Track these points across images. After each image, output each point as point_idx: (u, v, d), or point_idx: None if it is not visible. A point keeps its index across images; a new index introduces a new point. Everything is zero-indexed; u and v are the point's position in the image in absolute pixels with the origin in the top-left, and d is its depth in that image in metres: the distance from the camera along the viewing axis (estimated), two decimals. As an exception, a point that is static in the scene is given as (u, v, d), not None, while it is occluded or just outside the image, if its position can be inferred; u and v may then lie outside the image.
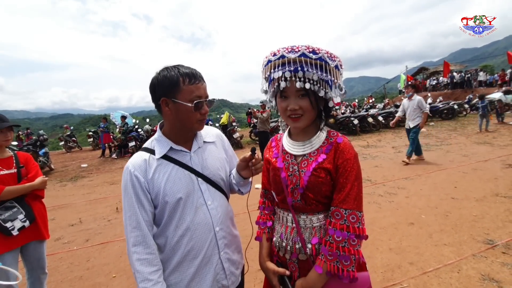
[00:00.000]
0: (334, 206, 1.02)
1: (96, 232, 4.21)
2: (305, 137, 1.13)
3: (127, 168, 1.09)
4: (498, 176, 4.99)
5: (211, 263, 1.15)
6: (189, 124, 1.11)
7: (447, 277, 2.43)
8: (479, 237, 3.02)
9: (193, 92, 1.06)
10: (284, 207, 1.16)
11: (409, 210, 3.94)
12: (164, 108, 1.08)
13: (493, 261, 2.58)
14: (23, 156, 2.30)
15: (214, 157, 1.24)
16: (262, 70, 1.10)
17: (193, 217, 1.11)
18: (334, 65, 1.01)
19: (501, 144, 7.60)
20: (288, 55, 0.99)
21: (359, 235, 0.97)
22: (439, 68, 26.74)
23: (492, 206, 3.78)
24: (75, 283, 2.89)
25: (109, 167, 10.06)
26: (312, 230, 1.07)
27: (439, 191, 4.54)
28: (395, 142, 9.68)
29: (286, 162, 1.14)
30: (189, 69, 1.08)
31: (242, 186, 1.28)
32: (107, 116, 13.98)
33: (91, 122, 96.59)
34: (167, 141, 1.14)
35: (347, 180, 1.01)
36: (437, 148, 8.01)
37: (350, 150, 1.05)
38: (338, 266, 0.96)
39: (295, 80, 0.98)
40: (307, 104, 1.02)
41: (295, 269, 1.11)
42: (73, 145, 15.02)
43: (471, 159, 6.38)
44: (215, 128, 1.37)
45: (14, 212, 2.00)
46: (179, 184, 1.09)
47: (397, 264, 2.70)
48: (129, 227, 1.05)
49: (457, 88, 21.89)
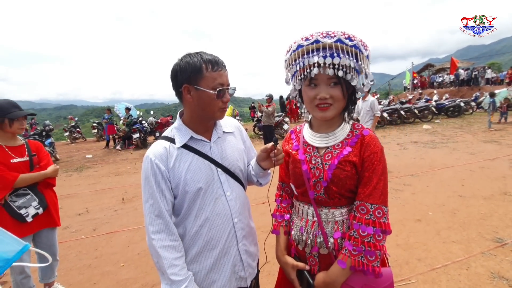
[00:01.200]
0: (360, 200, 1.00)
1: (103, 222, 4.24)
2: (328, 128, 1.10)
3: (147, 157, 1.07)
4: (506, 174, 4.95)
5: (229, 254, 1.15)
6: (211, 112, 1.09)
7: (456, 274, 2.42)
8: (488, 235, 3.01)
9: (215, 79, 1.04)
10: (304, 200, 1.15)
11: (416, 206, 3.93)
12: (186, 95, 1.06)
13: (503, 259, 2.57)
14: (34, 144, 2.30)
15: (233, 147, 1.23)
16: (288, 56, 1.05)
17: (213, 207, 1.10)
18: (366, 54, 0.99)
19: (509, 142, 7.53)
20: (323, 40, 0.95)
21: (384, 230, 0.96)
22: (445, 65, 26.39)
23: (501, 204, 3.76)
24: (84, 271, 2.93)
25: (113, 158, 10.11)
26: (334, 224, 1.06)
27: (446, 189, 4.51)
28: (400, 139, 9.62)
29: (308, 154, 1.12)
30: (212, 56, 1.06)
31: (262, 177, 1.27)
32: (111, 107, 13.99)
33: (95, 113, 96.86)
34: (187, 130, 1.12)
35: (373, 174, 0.99)
36: (443, 145, 7.95)
37: (376, 143, 1.03)
38: (362, 261, 0.95)
39: (329, 66, 0.94)
40: (339, 93, 0.99)
41: (314, 263, 1.10)
42: (77, 136, 15.09)
43: (478, 157, 6.33)
44: (233, 119, 1.36)
45: (28, 199, 2.02)
46: (199, 174, 1.08)
47: (405, 260, 2.69)
48: (152, 215, 1.04)
49: (464, 85, 21.63)
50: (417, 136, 9.93)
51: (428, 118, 13.85)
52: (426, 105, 14.16)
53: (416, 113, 13.61)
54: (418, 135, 10.15)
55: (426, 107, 13.99)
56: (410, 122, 13.60)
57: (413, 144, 8.44)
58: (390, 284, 1.01)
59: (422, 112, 13.90)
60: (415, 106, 13.90)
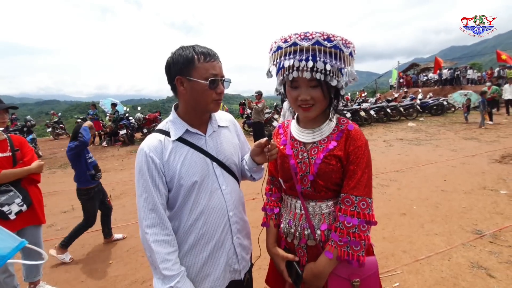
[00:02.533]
0: (345, 193, 1.03)
1: (90, 219, 4.15)
2: (314, 124, 1.13)
3: (142, 150, 1.06)
4: (485, 170, 5.17)
5: (224, 247, 1.15)
6: (204, 103, 1.08)
7: (438, 265, 2.53)
8: (468, 228, 3.15)
9: (208, 70, 1.04)
10: (292, 194, 1.17)
11: (401, 201, 4.05)
12: (179, 87, 1.06)
13: (481, 250, 2.70)
14: (17, 139, 2.23)
15: (228, 142, 1.23)
16: (270, 55, 1.07)
17: (208, 201, 1.11)
18: (348, 52, 0.99)
19: (488, 140, 7.85)
20: (300, 43, 0.95)
21: (369, 221, 0.99)
22: (430, 65, 27.08)
23: (480, 198, 3.93)
24: (71, 269, 2.87)
25: (99, 155, 9.87)
26: (321, 217, 1.09)
27: (430, 184, 4.67)
28: (386, 136, 9.86)
29: (295, 149, 1.14)
30: (205, 48, 1.06)
31: (255, 172, 1.28)
32: (96, 103, 13.63)
33: (79, 109, 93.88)
34: (182, 123, 1.12)
35: (358, 167, 1.02)
36: (427, 142, 8.20)
37: (361, 137, 1.06)
38: (348, 251, 0.98)
39: (307, 70, 0.95)
40: (319, 95, 1.01)
41: (303, 254, 1.13)
42: (61, 132, 14.61)
43: (459, 153, 6.58)
44: (228, 113, 1.35)
45: (11, 196, 1.96)
46: (194, 168, 1.08)
47: (391, 252, 2.79)
48: (146, 209, 1.03)
49: (447, 85, 22.29)
50: (402, 133, 10.20)
51: (413, 116, 14.23)
52: (411, 103, 14.54)
53: (402, 111, 13.96)
54: (403, 132, 10.42)
55: (411, 105, 14.37)
56: (396, 119, 13.94)
57: (398, 141, 8.67)
58: (375, 272, 1.05)
59: (407, 110, 14.27)
60: (400, 104, 14.26)
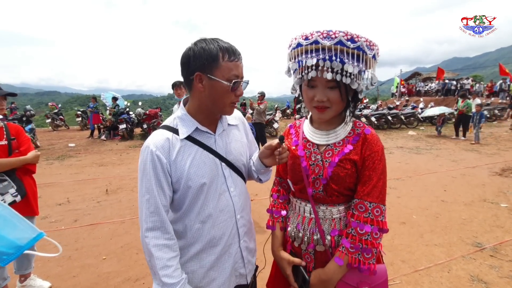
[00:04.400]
0: (359, 199, 0.99)
1: (85, 213, 4.09)
2: (329, 126, 1.09)
3: (147, 147, 0.98)
4: (485, 182, 5.15)
5: (231, 251, 1.10)
6: (222, 105, 1.02)
7: (438, 276, 2.49)
8: (468, 240, 3.11)
9: (231, 70, 0.97)
10: (301, 197, 1.13)
11: (400, 210, 4.01)
12: (197, 84, 0.98)
13: (482, 263, 2.66)
14: (14, 128, 2.17)
15: (237, 141, 1.17)
16: (288, 52, 1.03)
17: (216, 203, 1.05)
18: (372, 55, 0.94)
19: (488, 152, 7.83)
20: (322, 42, 0.91)
21: (382, 229, 0.96)
22: (432, 74, 27.22)
23: (480, 210, 3.90)
24: (63, 263, 2.81)
25: (98, 148, 9.80)
26: (331, 222, 1.05)
27: (429, 193, 4.64)
28: (386, 143, 9.83)
29: (308, 150, 1.10)
30: (229, 44, 0.99)
31: (262, 174, 1.22)
32: (97, 96, 13.56)
33: (79, 101, 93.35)
34: (192, 120, 1.05)
35: (374, 173, 0.98)
36: (427, 152, 8.18)
37: (378, 143, 1.02)
38: (359, 258, 0.94)
39: (327, 70, 0.91)
40: (337, 97, 0.97)
41: (310, 260, 1.09)
42: (60, 123, 14.52)
43: (460, 164, 6.56)
44: (237, 110, 1.28)
45: (5, 185, 1.90)
46: (203, 169, 1.02)
47: (390, 261, 2.74)
48: (147, 211, 0.97)
49: (449, 95, 22.35)
50: (402, 141, 10.18)
51: (414, 125, 14.23)
52: (413, 111, 14.54)
53: (403, 119, 13.95)
54: (404, 140, 10.40)
55: (412, 114, 14.36)
56: (396, 127, 13.92)
57: (399, 149, 8.64)
58: (384, 281, 1.01)
59: (408, 118, 14.26)
60: (402, 112, 14.25)
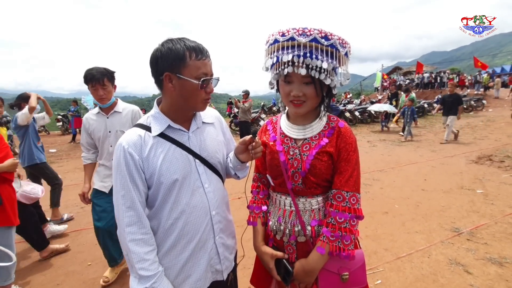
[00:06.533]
0: (336, 189, 1.03)
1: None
2: (305, 121, 1.13)
3: (120, 145, 1.00)
4: (463, 170, 5.39)
5: (206, 247, 1.12)
6: (193, 103, 1.05)
7: (419, 262, 2.60)
8: (447, 226, 3.26)
9: (199, 68, 0.99)
10: (281, 191, 1.16)
11: (383, 200, 4.15)
12: (167, 84, 1.00)
13: (459, 247, 2.80)
14: (-11, 135, 2.09)
15: (213, 139, 1.19)
16: (266, 48, 1.06)
17: (189, 199, 1.06)
18: (344, 52, 0.99)
19: (466, 142, 8.19)
20: (298, 38, 0.94)
21: (358, 216, 1.01)
22: (412, 68, 28.05)
23: (458, 197, 4.09)
24: (47, 271, 2.73)
25: (80, 153, 9.53)
26: (311, 213, 1.09)
27: (411, 183, 4.81)
28: (370, 136, 10.09)
29: (286, 145, 1.13)
30: (196, 43, 1.01)
31: (239, 170, 1.25)
32: (78, 99, 13.16)
33: (59, 105, 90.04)
34: (165, 118, 1.07)
35: (348, 164, 1.03)
36: (409, 143, 8.46)
37: (351, 135, 1.08)
38: (340, 246, 0.99)
39: (302, 66, 0.95)
40: (312, 92, 1.01)
41: (292, 251, 1.13)
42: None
43: (439, 154, 6.82)
44: (214, 109, 1.31)
45: (-20, 195, 1.83)
46: (175, 165, 1.04)
47: (373, 250, 2.84)
48: (123, 207, 0.98)
49: (428, 88, 23.11)
50: (385, 134, 10.47)
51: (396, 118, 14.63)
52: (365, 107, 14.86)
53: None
54: (386, 133, 10.70)
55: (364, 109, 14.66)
56: (379, 121, 14.28)
57: (381, 142, 8.90)
58: (362, 264, 1.07)
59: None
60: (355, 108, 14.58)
